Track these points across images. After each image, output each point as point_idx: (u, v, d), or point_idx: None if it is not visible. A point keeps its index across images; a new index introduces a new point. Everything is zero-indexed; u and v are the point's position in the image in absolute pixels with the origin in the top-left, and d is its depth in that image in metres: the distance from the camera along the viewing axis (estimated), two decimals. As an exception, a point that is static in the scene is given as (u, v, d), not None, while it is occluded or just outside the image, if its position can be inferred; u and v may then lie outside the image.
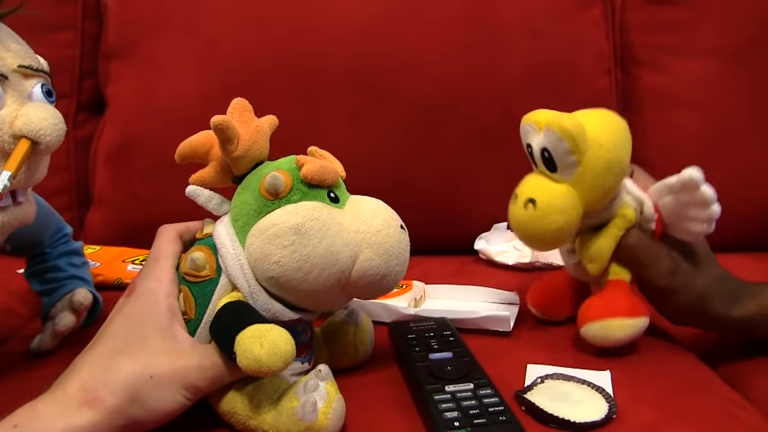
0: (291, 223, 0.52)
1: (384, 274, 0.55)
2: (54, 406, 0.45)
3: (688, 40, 1.12)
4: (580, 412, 0.54)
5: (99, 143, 1.09)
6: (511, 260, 0.99)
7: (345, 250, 0.53)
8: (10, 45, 0.51)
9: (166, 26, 1.07)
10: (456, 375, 0.57)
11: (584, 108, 0.96)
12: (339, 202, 0.55)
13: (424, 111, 1.04)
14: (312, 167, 0.54)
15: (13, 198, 0.52)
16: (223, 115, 0.53)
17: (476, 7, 1.07)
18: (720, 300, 0.65)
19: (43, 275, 0.73)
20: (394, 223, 0.56)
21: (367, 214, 0.56)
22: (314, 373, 0.51)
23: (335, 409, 0.50)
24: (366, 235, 0.54)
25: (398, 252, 0.56)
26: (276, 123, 0.61)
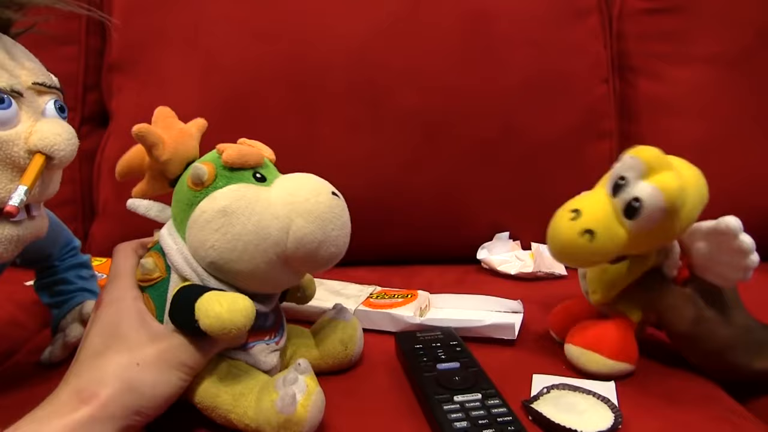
0: (218, 207, 0.53)
1: (321, 240, 0.54)
2: (50, 411, 0.46)
3: (685, 48, 1.13)
4: (586, 421, 0.54)
5: (103, 155, 1.10)
6: (513, 270, 1.00)
7: (275, 222, 0.53)
8: (25, 63, 0.52)
9: (168, 40, 1.08)
10: (464, 385, 0.58)
11: (582, 115, 0.97)
12: (266, 181, 0.56)
13: (422, 122, 1.05)
14: (231, 152, 0.55)
15: (28, 212, 0.52)
16: (142, 124, 0.55)
17: (473, 19, 1.08)
18: (744, 351, 0.63)
19: (53, 288, 0.73)
20: (323, 190, 0.55)
21: (293, 186, 0.55)
22: (294, 366, 0.53)
23: (314, 402, 0.51)
24: (294, 205, 0.53)
25: (331, 217, 0.54)
26: (204, 125, 0.63)
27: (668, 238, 0.62)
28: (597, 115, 1.12)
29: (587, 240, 0.60)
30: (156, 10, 1.09)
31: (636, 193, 0.58)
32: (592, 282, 0.68)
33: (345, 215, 0.56)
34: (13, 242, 0.51)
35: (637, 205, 0.58)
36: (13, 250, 0.52)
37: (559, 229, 0.62)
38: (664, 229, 0.59)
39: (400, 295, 0.81)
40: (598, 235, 0.59)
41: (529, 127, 1.07)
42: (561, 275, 0.98)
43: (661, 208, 0.57)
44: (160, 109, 0.59)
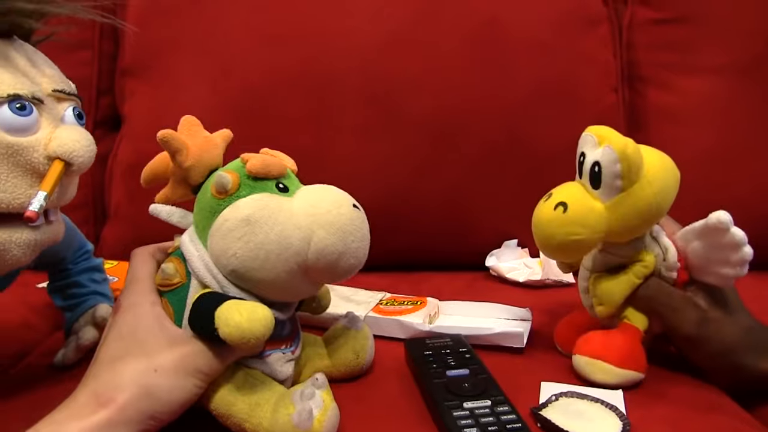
0: (241, 216, 0.53)
1: (341, 251, 0.54)
2: (68, 414, 0.47)
3: (695, 57, 1.13)
4: (594, 429, 0.55)
5: (115, 159, 1.11)
6: (521, 277, 1.00)
7: (297, 232, 0.53)
8: (45, 70, 0.54)
9: (181, 45, 1.09)
10: (473, 392, 0.58)
11: (592, 124, 0.97)
12: (288, 192, 0.56)
13: (433, 129, 1.06)
14: (255, 162, 0.55)
15: (46, 217, 0.53)
16: (167, 130, 0.56)
17: (484, 27, 1.08)
18: (750, 351, 0.63)
19: (66, 291, 0.74)
20: (344, 203, 0.56)
21: (315, 197, 0.56)
22: (311, 381, 0.53)
23: (330, 418, 0.52)
24: (316, 216, 0.54)
25: (352, 229, 0.55)
26: (229, 136, 0.63)
27: (650, 212, 0.62)
28: (606, 124, 1.11)
29: (561, 212, 0.62)
30: (170, 15, 1.10)
31: (592, 158, 0.62)
32: (596, 295, 0.67)
33: (365, 227, 0.57)
34: (31, 247, 0.52)
35: (597, 169, 0.61)
36: (31, 255, 0.52)
37: (537, 214, 0.65)
38: (638, 197, 0.61)
39: (410, 302, 0.82)
40: (570, 205, 0.62)
41: (538, 135, 1.07)
42: (569, 283, 0.98)
43: (616, 161, 0.59)
44: (186, 118, 0.60)
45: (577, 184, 0.65)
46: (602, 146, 0.61)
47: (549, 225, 0.63)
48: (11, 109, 0.49)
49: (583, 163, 0.64)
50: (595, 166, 0.61)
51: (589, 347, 0.65)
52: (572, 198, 0.62)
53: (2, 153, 0.49)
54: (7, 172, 0.49)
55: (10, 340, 0.77)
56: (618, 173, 0.60)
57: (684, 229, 0.65)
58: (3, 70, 0.50)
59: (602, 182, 0.61)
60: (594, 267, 0.68)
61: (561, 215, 0.62)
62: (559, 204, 0.62)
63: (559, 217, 0.62)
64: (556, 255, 0.68)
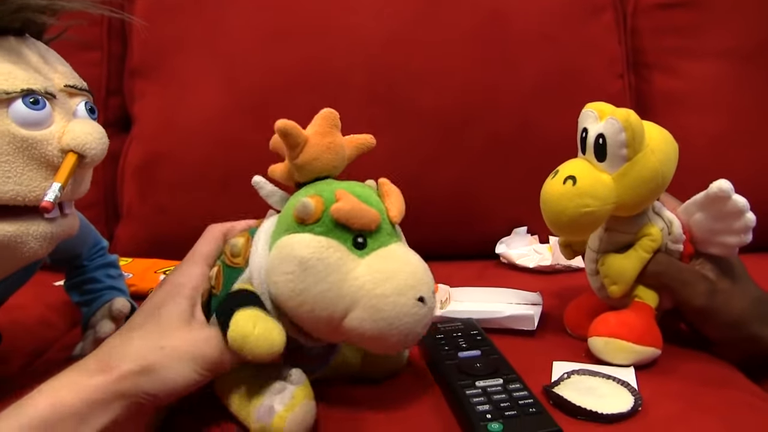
0: (298, 254, 0.51)
1: (376, 337, 0.51)
2: (72, 372, 0.48)
3: (700, 42, 1.14)
4: (606, 404, 0.55)
5: (126, 159, 1.12)
6: (532, 263, 1.01)
7: (339, 301, 0.51)
8: (57, 66, 0.54)
9: (189, 45, 1.10)
10: (485, 371, 0.59)
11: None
12: (364, 249, 0.52)
13: (440, 122, 1.07)
14: (342, 206, 0.52)
15: (61, 210, 0.54)
16: (288, 121, 0.53)
17: (490, 19, 1.09)
18: (759, 321, 0.63)
19: (82, 287, 0.75)
20: (409, 293, 0.51)
21: (385, 272, 0.51)
22: (287, 376, 0.53)
23: (297, 414, 0.50)
24: (368, 294, 0.50)
25: (400, 323, 0.51)
26: (365, 144, 0.61)
27: (656, 180, 0.62)
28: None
29: (571, 186, 0.62)
30: (176, 15, 1.11)
31: (596, 131, 0.62)
32: (608, 275, 0.67)
33: (418, 325, 0.52)
34: (47, 239, 0.52)
35: (602, 141, 0.61)
36: (47, 247, 0.53)
37: (546, 191, 0.65)
38: (644, 166, 0.61)
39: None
40: (579, 178, 0.62)
41: (545, 123, 1.08)
42: (579, 268, 0.98)
43: (620, 131, 0.60)
44: (325, 112, 0.56)
45: (582, 160, 0.65)
46: (604, 119, 0.62)
47: (560, 200, 0.63)
48: (25, 104, 0.49)
49: (585, 139, 0.64)
50: (599, 138, 0.62)
51: (605, 328, 0.65)
52: (580, 171, 0.63)
53: (17, 146, 0.49)
54: (23, 166, 0.50)
55: (29, 337, 0.78)
56: (623, 142, 0.60)
57: (686, 202, 0.66)
58: (16, 66, 0.51)
59: (608, 153, 0.61)
60: (601, 247, 0.68)
61: (571, 188, 0.62)
62: (568, 178, 0.62)
63: (569, 190, 0.62)
64: (567, 231, 0.67)
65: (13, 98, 0.49)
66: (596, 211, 0.62)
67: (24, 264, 0.54)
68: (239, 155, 1.03)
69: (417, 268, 0.53)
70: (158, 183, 1.09)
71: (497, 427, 0.50)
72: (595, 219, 0.63)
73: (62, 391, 0.46)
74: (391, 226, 0.55)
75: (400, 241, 0.56)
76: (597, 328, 0.66)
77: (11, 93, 0.49)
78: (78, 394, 0.46)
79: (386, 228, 0.54)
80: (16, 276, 0.59)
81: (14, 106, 0.49)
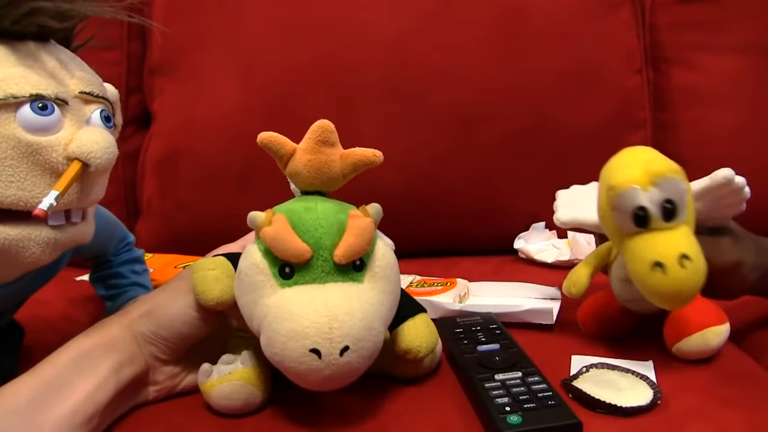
0: (240, 263, 0.55)
1: (280, 368, 0.52)
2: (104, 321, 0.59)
3: (718, 36, 1.13)
4: (625, 397, 0.56)
5: (146, 156, 1.13)
6: (550, 258, 1.01)
7: (253, 319, 0.53)
8: (76, 72, 0.54)
9: (207, 42, 1.11)
10: (504, 364, 0.59)
11: (616, 106, 0.97)
12: (289, 280, 0.53)
13: (458, 115, 1.07)
14: (267, 232, 0.53)
15: (67, 218, 0.53)
16: (270, 134, 0.57)
17: (507, 13, 1.09)
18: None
19: (107, 281, 0.77)
20: (301, 340, 0.49)
21: (288, 312, 0.51)
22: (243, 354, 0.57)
23: (224, 387, 0.55)
24: (268, 326, 0.51)
25: (290, 366, 0.50)
26: (366, 161, 0.57)
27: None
28: (631, 106, 1.13)
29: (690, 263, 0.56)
30: (195, 13, 1.12)
31: (661, 198, 0.57)
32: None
33: (313, 377, 0.50)
34: (50, 245, 0.52)
35: (671, 204, 0.57)
36: (51, 254, 0.52)
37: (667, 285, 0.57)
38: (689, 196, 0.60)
39: (440, 284, 0.83)
40: (689, 252, 0.57)
41: (563, 118, 1.08)
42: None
43: (681, 184, 0.58)
44: (315, 126, 0.56)
45: (653, 234, 0.58)
46: (653, 185, 0.57)
47: (688, 282, 0.57)
48: (33, 109, 0.49)
49: (646, 214, 0.58)
50: (666, 204, 0.57)
51: (690, 325, 0.63)
52: (680, 244, 0.57)
53: (22, 151, 0.49)
54: (26, 171, 0.49)
55: (51, 332, 0.79)
56: (685, 189, 0.58)
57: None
58: (30, 71, 0.50)
59: (678, 209, 0.58)
60: None
61: (690, 265, 0.56)
62: (681, 258, 0.56)
63: (690, 267, 0.56)
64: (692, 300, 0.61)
65: (22, 103, 0.49)
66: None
67: (29, 269, 0.54)
68: (257, 151, 1.03)
69: (326, 319, 0.50)
70: (178, 179, 1.10)
71: (516, 419, 0.50)
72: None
73: (94, 332, 0.57)
74: (333, 266, 0.53)
75: (347, 281, 0.54)
76: (682, 329, 0.64)
77: (20, 97, 0.49)
78: (103, 333, 0.56)
79: (323, 265, 0.53)
80: (37, 273, 0.58)
81: (22, 110, 0.49)
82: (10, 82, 0.49)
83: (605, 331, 0.70)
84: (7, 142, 0.49)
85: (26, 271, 0.54)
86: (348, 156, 0.57)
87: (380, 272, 0.55)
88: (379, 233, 0.58)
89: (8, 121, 0.49)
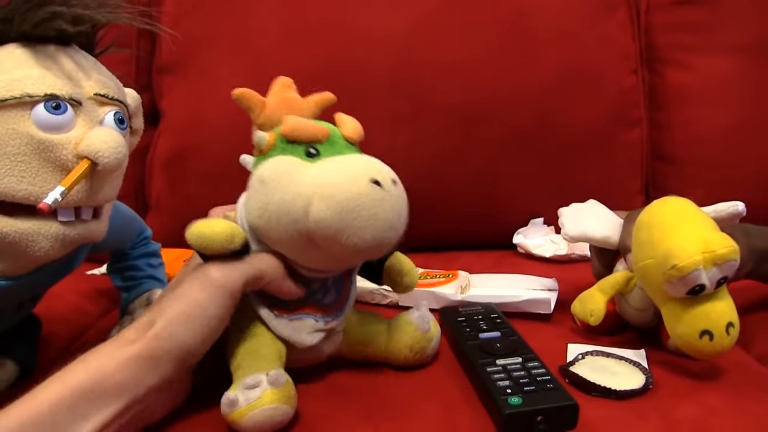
0: (259, 175, 0.55)
1: (338, 228, 0.51)
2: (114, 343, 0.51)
3: (712, 38, 1.15)
4: (619, 382, 0.59)
5: (155, 153, 1.15)
6: (548, 253, 1.04)
7: (297, 200, 0.52)
8: (93, 75, 0.56)
9: (215, 42, 1.13)
10: (505, 350, 0.62)
11: (613, 105, 0.99)
12: (317, 157, 0.55)
13: (461, 115, 1.09)
14: (287, 125, 0.56)
15: (77, 215, 0.55)
16: (245, 89, 0.60)
17: (508, 16, 1.11)
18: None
19: (124, 273, 0.79)
20: (360, 177, 0.52)
21: (333, 167, 0.54)
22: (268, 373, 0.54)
23: (257, 414, 0.52)
24: (320, 187, 0.52)
25: (355, 206, 0.51)
26: (326, 100, 0.64)
27: None
28: (627, 105, 1.15)
29: (734, 331, 0.60)
30: (205, 13, 1.14)
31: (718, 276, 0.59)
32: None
33: (379, 208, 0.52)
34: (59, 240, 0.53)
35: (724, 280, 0.59)
36: (59, 249, 0.54)
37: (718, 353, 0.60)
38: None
39: (442, 275, 0.86)
40: (734, 321, 0.60)
41: (562, 117, 1.10)
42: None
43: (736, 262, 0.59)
44: (279, 79, 0.63)
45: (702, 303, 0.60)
46: (713, 264, 0.58)
47: (735, 340, 0.60)
48: (46, 108, 0.51)
49: (702, 290, 0.59)
50: (721, 280, 0.59)
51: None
52: (727, 313, 0.60)
53: (34, 148, 0.51)
54: (38, 167, 0.51)
55: (66, 323, 0.82)
56: (736, 263, 0.59)
57: None
58: (47, 72, 0.53)
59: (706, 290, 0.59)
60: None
61: (735, 333, 0.60)
62: (728, 326, 0.59)
63: (735, 335, 0.60)
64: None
65: (37, 102, 0.51)
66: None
67: (39, 263, 0.55)
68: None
69: (370, 161, 0.55)
70: (186, 175, 1.12)
71: (517, 400, 0.53)
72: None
73: (103, 359, 0.49)
74: (346, 143, 0.58)
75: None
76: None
77: (35, 96, 0.51)
78: (114, 362, 0.49)
79: (340, 142, 0.58)
80: (52, 269, 0.60)
81: (37, 109, 0.51)
82: (27, 82, 0.51)
83: (598, 328, 0.72)
84: (21, 138, 0.51)
85: (37, 264, 0.56)
86: (310, 99, 0.63)
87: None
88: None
89: (23, 118, 0.51)
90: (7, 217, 0.51)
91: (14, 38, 0.53)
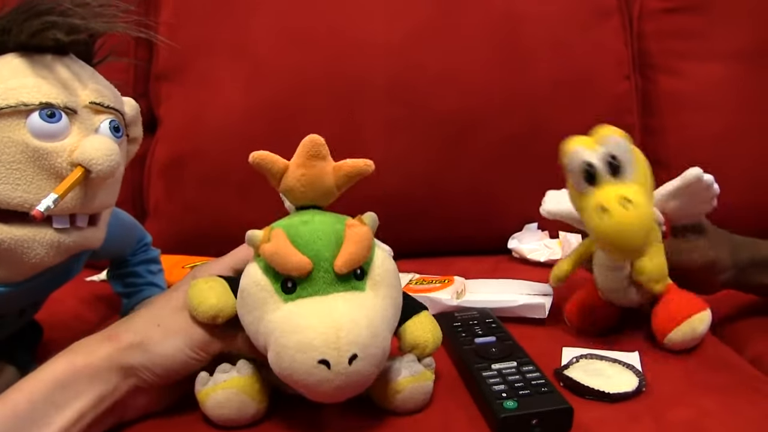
0: (242, 282, 0.54)
1: (290, 382, 0.52)
2: (88, 340, 0.56)
3: (703, 45, 1.16)
4: (613, 385, 0.60)
5: (153, 159, 1.15)
6: (542, 257, 1.05)
7: (259, 336, 0.53)
8: (89, 84, 0.56)
9: (213, 49, 1.13)
10: (500, 355, 0.63)
11: (606, 111, 1.00)
12: (292, 294, 0.52)
13: (456, 121, 1.10)
14: (266, 248, 0.52)
15: (72, 222, 0.55)
16: (262, 153, 0.55)
17: (503, 24, 1.13)
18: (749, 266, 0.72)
19: (124, 279, 0.80)
20: (309, 352, 0.49)
21: (294, 325, 0.50)
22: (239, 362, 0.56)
23: (218, 395, 0.54)
24: (275, 341, 0.51)
25: (300, 378, 0.50)
26: (358, 171, 0.57)
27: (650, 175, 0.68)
28: (620, 111, 1.16)
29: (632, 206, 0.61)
30: (202, 19, 1.14)
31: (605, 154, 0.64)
32: (650, 278, 0.68)
33: (321, 387, 0.50)
34: (54, 247, 0.54)
35: (615, 160, 0.64)
36: (55, 256, 0.54)
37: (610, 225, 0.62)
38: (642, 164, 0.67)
39: (438, 281, 0.87)
40: (632, 196, 0.62)
41: (556, 123, 1.10)
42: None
43: (623, 142, 0.64)
44: (306, 140, 0.55)
45: (604, 187, 0.64)
46: (600, 144, 0.64)
47: (631, 224, 0.62)
48: (41, 116, 0.52)
49: (595, 171, 0.64)
50: (611, 159, 0.63)
51: (677, 315, 0.68)
52: (623, 190, 0.62)
53: (29, 156, 0.52)
54: (32, 175, 0.52)
55: (66, 329, 0.81)
56: (628, 147, 0.64)
57: (659, 194, 0.71)
58: (43, 81, 0.53)
59: (623, 165, 0.63)
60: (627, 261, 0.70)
61: (633, 208, 0.61)
62: (623, 200, 0.61)
63: (632, 210, 0.61)
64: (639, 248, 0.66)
65: (32, 110, 0.52)
66: (653, 216, 0.66)
67: (35, 270, 0.56)
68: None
69: (332, 329, 0.49)
70: (184, 181, 1.12)
71: (512, 404, 0.54)
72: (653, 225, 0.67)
73: (77, 356, 0.53)
74: (333, 277, 0.53)
75: (349, 290, 0.53)
76: (671, 321, 0.68)
77: (30, 105, 0.51)
78: (88, 358, 0.53)
79: (324, 277, 0.52)
80: (51, 276, 0.60)
81: (32, 117, 0.52)
82: (23, 91, 0.52)
83: (589, 325, 0.74)
84: (16, 146, 0.51)
85: (33, 271, 0.56)
86: (340, 168, 0.56)
87: (381, 279, 0.55)
88: (376, 241, 0.57)
89: (18, 127, 0.51)
90: (2, 224, 0.52)
91: (12, 48, 0.54)
